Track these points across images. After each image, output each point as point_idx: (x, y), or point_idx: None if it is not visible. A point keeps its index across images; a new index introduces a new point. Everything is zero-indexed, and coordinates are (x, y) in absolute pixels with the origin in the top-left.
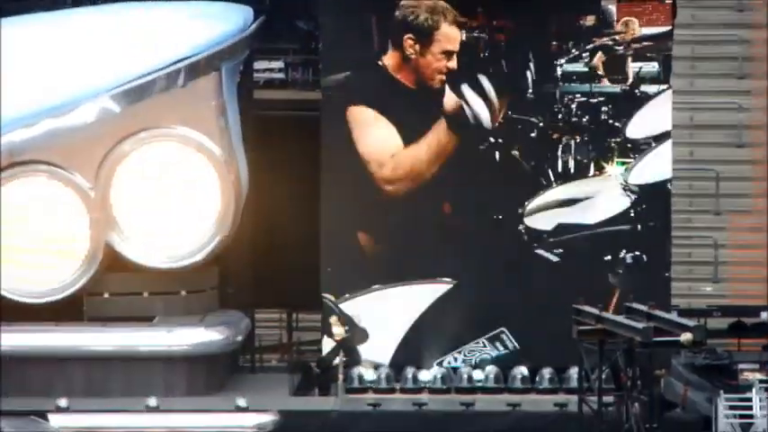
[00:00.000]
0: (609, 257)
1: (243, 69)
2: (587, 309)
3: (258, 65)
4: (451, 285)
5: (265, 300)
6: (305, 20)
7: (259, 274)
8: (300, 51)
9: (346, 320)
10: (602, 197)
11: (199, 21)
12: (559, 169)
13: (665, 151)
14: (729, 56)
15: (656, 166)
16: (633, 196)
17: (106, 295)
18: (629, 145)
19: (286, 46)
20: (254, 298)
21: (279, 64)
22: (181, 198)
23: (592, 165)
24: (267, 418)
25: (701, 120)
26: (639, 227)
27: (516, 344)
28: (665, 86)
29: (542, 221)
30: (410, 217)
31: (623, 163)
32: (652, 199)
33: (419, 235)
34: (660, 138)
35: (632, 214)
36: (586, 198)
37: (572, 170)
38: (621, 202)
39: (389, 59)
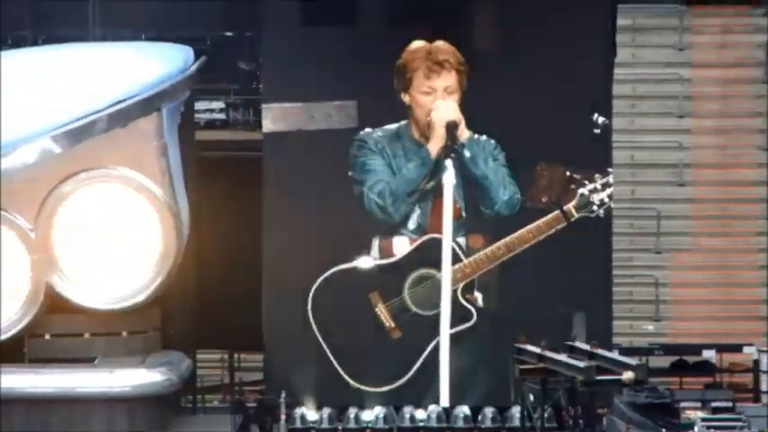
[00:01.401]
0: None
1: (184, 110)
2: (529, 348)
3: (199, 105)
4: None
5: (207, 340)
6: (246, 60)
7: (201, 315)
8: (242, 92)
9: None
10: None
11: (139, 61)
12: None
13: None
14: (669, 95)
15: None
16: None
17: (47, 336)
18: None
19: (227, 86)
20: (196, 338)
21: (220, 104)
22: (122, 239)
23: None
24: None
25: (641, 158)
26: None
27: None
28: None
29: None
30: None
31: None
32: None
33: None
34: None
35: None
36: None
37: None
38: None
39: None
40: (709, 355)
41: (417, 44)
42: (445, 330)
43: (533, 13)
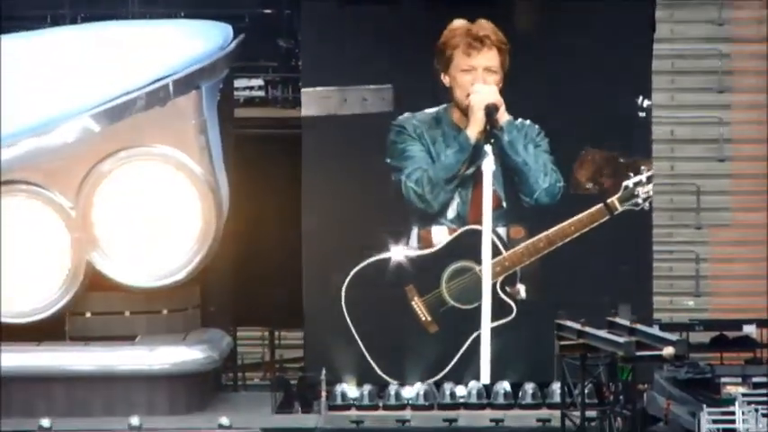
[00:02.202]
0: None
1: (223, 88)
2: (569, 324)
3: (238, 83)
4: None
5: (247, 318)
6: (285, 37)
7: (241, 293)
8: (280, 69)
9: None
10: None
11: (178, 39)
12: None
13: None
14: (709, 70)
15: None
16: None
17: (88, 315)
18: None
19: (266, 63)
20: (236, 316)
21: (259, 82)
22: (162, 217)
23: None
24: None
25: (681, 134)
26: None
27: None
28: None
29: None
30: None
31: None
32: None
33: None
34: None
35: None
36: None
37: None
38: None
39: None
40: (749, 330)
41: (458, 22)
42: (486, 322)
43: None
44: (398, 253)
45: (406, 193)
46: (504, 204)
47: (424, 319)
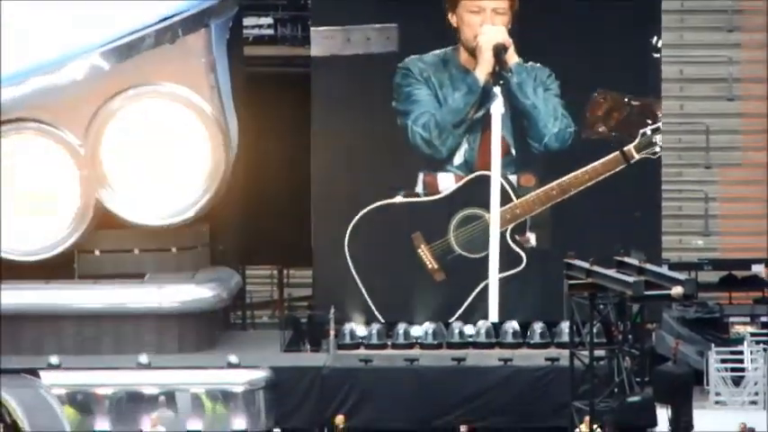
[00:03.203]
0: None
1: (232, 26)
2: (578, 263)
3: (247, 21)
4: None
5: (256, 256)
6: None
7: (250, 231)
8: (290, 7)
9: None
10: None
11: None
12: None
13: None
14: (719, 9)
15: None
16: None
17: (97, 253)
18: None
19: (275, 1)
20: (245, 254)
21: (268, 20)
22: (171, 155)
23: None
24: (258, 375)
25: (690, 73)
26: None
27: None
28: None
29: None
30: None
31: None
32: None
33: None
34: None
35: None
36: None
37: None
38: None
39: None
40: (758, 269)
41: None
42: (495, 267)
43: None
44: (404, 199)
45: (412, 137)
46: (513, 151)
47: (430, 266)
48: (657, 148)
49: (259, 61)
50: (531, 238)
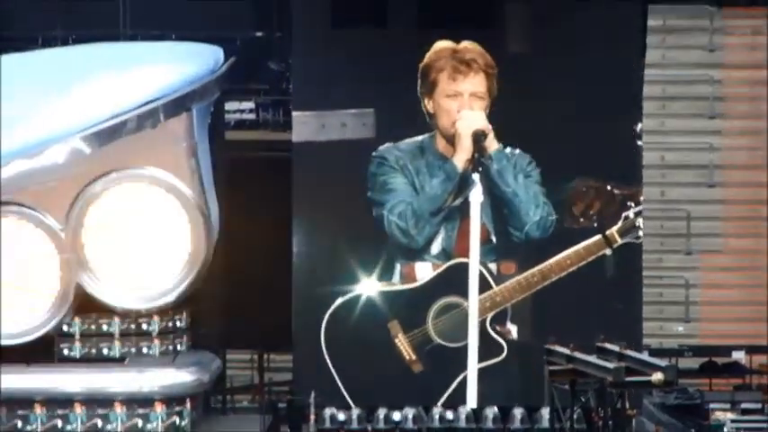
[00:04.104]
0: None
1: (214, 110)
2: (559, 349)
3: (229, 106)
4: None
5: (237, 340)
6: (276, 60)
7: (230, 315)
8: (272, 92)
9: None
10: None
11: (169, 61)
12: None
13: None
14: (700, 96)
15: None
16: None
17: (77, 336)
18: None
19: (257, 86)
20: (226, 338)
21: (250, 105)
22: (152, 239)
23: None
24: None
25: (671, 160)
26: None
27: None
28: None
29: None
30: None
31: None
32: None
33: None
34: None
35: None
36: None
37: None
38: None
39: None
40: (738, 356)
41: (442, 44)
42: (473, 362)
43: (565, 15)
44: (382, 288)
45: (388, 227)
46: (494, 238)
47: (408, 358)
48: (641, 233)
49: (241, 146)
50: (513, 330)
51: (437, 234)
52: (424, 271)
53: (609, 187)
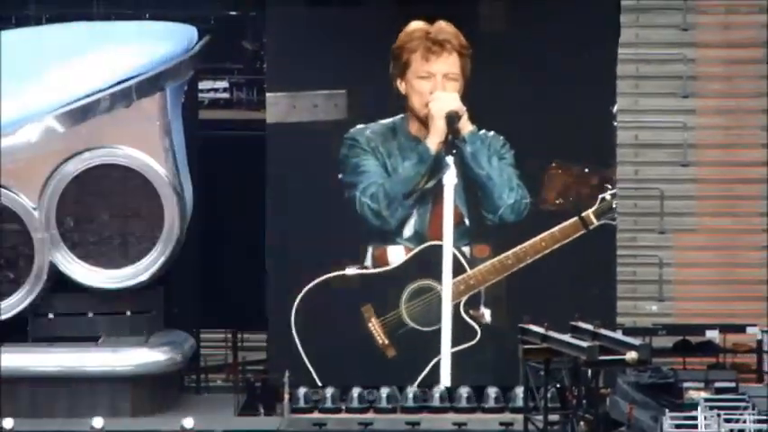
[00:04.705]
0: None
1: (187, 89)
2: (533, 328)
3: (203, 85)
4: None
5: (211, 320)
6: (250, 40)
7: (204, 295)
8: (245, 71)
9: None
10: None
11: (143, 40)
12: None
13: None
14: (673, 75)
15: None
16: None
17: (51, 315)
18: None
19: (231, 66)
20: (200, 318)
21: (224, 84)
22: (125, 218)
23: None
24: None
25: (645, 138)
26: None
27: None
28: None
29: None
30: None
31: None
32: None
33: None
34: None
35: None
36: None
37: None
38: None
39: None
40: (712, 335)
41: (415, 24)
42: (446, 346)
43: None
44: (355, 270)
45: (360, 209)
46: (467, 221)
47: (381, 342)
48: (616, 214)
49: (214, 125)
50: (486, 314)
51: (410, 217)
52: (397, 254)
53: (585, 169)
